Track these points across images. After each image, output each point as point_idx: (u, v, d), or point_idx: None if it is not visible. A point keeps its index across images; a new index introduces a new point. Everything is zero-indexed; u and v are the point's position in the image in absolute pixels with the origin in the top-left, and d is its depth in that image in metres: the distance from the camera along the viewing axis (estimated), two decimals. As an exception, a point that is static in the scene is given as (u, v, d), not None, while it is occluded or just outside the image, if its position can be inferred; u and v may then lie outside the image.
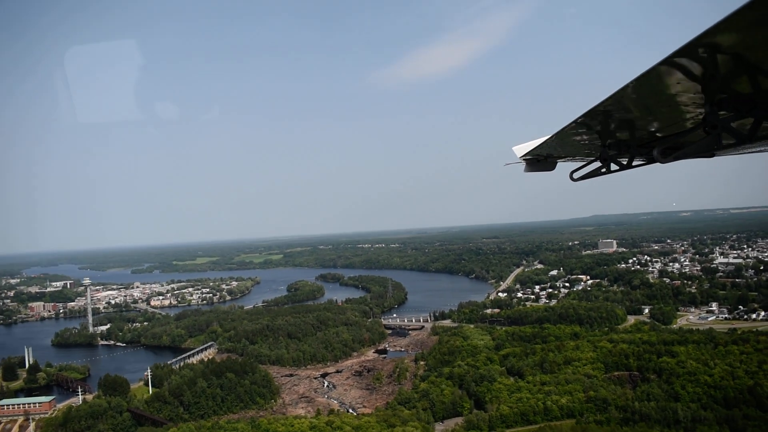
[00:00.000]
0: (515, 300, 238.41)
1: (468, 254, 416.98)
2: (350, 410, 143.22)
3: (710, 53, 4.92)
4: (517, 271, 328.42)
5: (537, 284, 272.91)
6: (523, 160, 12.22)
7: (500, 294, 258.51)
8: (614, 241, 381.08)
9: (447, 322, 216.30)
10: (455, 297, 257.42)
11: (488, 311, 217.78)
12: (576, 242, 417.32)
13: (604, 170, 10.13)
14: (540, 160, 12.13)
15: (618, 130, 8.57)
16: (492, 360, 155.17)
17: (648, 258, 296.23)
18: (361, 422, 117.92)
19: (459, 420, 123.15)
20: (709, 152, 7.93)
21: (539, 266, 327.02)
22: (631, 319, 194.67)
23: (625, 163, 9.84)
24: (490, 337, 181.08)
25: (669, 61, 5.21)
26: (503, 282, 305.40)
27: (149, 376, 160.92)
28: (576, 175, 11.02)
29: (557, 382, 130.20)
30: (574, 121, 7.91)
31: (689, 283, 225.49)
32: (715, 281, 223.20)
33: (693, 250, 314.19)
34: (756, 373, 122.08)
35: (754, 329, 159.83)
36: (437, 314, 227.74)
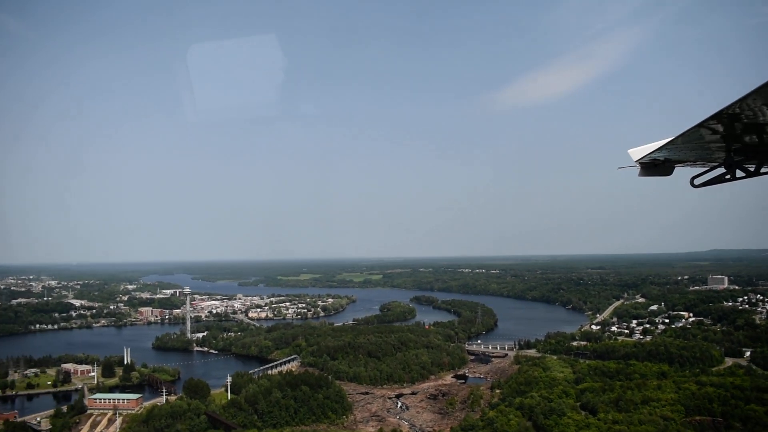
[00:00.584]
0: (606, 334, 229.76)
1: (567, 284, 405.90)
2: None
3: None
4: (617, 304, 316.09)
5: (634, 318, 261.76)
6: (639, 164, 11.93)
7: (593, 326, 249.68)
8: (725, 278, 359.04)
9: (531, 352, 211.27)
10: (546, 327, 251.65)
11: (575, 343, 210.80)
12: (686, 277, 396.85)
13: (728, 176, 10.04)
14: (657, 165, 11.88)
15: (746, 134, 8.31)
16: (568, 393, 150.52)
17: (761, 297, 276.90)
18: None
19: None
20: None
21: (640, 300, 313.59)
22: (729, 362, 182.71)
23: (752, 169, 9.69)
24: (570, 370, 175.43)
25: None
26: (599, 314, 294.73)
27: (229, 383, 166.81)
28: (697, 181, 10.89)
29: (630, 422, 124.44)
30: (700, 124, 7.79)
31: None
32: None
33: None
34: None
35: None
36: (522, 343, 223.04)
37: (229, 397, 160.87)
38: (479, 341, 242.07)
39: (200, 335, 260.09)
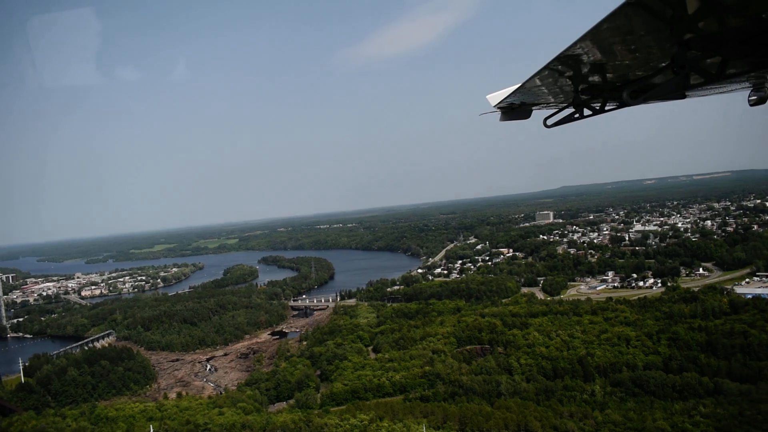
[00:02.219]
0: (429, 276, 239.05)
1: (411, 231, 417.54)
2: (222, 391, 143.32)
3: None
4: (449, 246, 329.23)
5: (461, 259, 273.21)
6: (498, 108, 11.95)
7: (419, 270, 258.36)
8: (551, 213, 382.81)
9: (351, 301, 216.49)
10: (380, 274, 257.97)
11: (392, 289, 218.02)
12: (522, 215, 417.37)
13: (577, 115, 10.23)
14: (515, 108, 11.89)
15: (590, 74, 8.47)
16: (362, 338, 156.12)
17: (575, 228, 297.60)
18: (191, 404, 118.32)
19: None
20: (678, 93, 7.95)
21: (471, 241, 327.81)
22: (524, 291, 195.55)
23: (597, 107, 9.92)
24: (375, 315, 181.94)
25: (636, 2, 5.11)
26: (432, 258, 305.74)
27: (22, 367, 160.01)
28: (549, 122, 11.09)
29: (402, 359, 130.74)
30: (545, 67, 7.79)
31: (593, 252, 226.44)
32: (618, 250, 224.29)
33: (620, 219, 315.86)
34: (591, 342, 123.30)
35: (636, 296, 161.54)
36: (344, 294, 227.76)
37: (23, 381, 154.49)
38: (304, 296, 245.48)
39: (17, 320, 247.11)
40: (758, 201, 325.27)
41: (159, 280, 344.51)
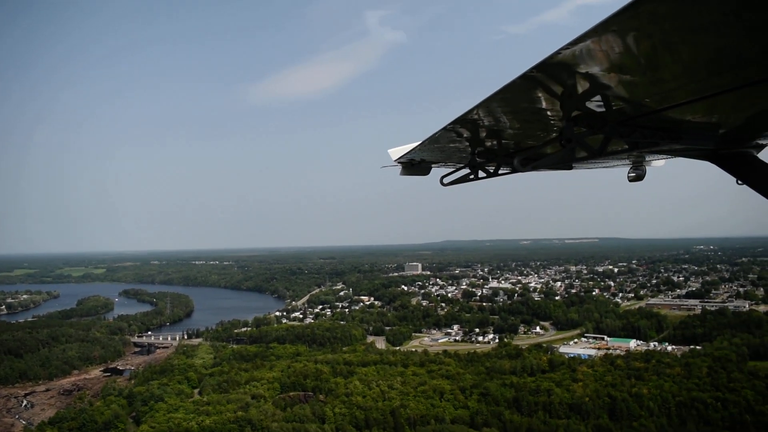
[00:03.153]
0: (284, 319, 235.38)
1: (283, 273, 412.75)
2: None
3: (567, 72, 5.17)
4: (315, 291, 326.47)
5: (322, 304, 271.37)
6: (399, 163, 11.81)
7: (276, 313, 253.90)
8: (419, 265, 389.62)
9: (198, 341, 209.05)
10: (238, 314, 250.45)
11: (242, 330, 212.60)
12: (395, 265, 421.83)
13: (472, 177, 10.61)
14: (414, 164, 11.86)
15: (487, 139, 8.77)
16: (190, 379, 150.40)
17: (437, 281, 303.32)
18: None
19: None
20: (565, 164, 8.72)
21: (339, 286, 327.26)
22: (370, 340, 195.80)
23: (492, 170, 10.25)
24: (212, 356, 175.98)
25: (528, 76, 5.30)
26: (295, 301, 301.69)
27: None
28: (446, 180, 11.29)
29: (220, 402, 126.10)
30: (444, 128, 7.94)
31: (444, 305, 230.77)
32: (466, 305, 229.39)
33: (481, 276, 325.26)
34: (408, 394, 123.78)
35: (471, 350, 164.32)
36: (191, 332, 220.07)
37: None
38: (149, 333, 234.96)
39: None
40: (609, 267, 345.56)
41: (3, 307, 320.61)
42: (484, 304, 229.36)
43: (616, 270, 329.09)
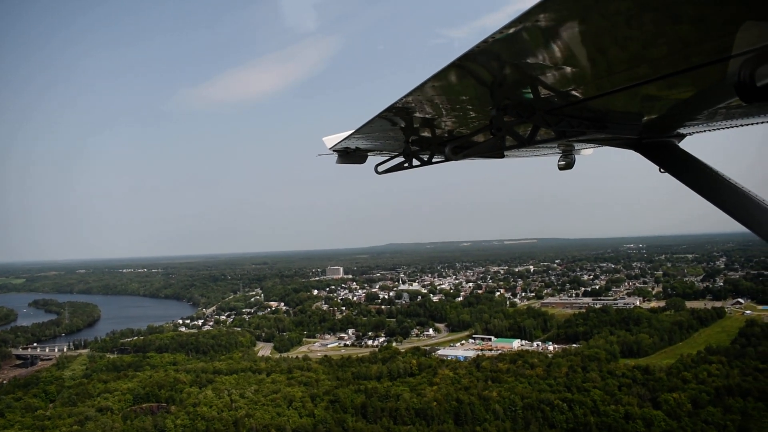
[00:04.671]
0: (183, 327, 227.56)
1: (204, 280, 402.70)
2: None
3: (496, 61, 5.24)
4: (230, 297, 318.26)
5: (231, 310, 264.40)
6: (335, 151, 11.55)
7: (179, 320, 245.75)
8: (341, 268, 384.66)
9: (85, 351, 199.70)
10: (145, 323, 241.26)
11: (130, 339, 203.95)
12: (320, 269, 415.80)
13: (406, 165, 10.59)
14: (350, 153, 11.57)
15: (420, 127, 8.76)
16: (48, 392, 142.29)
17: (351, 285, 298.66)
18: None
19: None
20: (496, 152, 8.83)
21: (253, 292, 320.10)
22: (260, 346, 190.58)
23: (426, 159, 10.34)
24: (85, 367, 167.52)
25: (458, 65, 5.36)
26: (206, 309, 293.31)
27: None
28: (380, 168, 11.26)
29: (59, 416, 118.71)
30: (377, 116, 7.88)
31: (344, 309, 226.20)
32: (365, 308, 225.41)
33: (397, 278, 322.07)
34: (257, 403, 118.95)
35: (357, 354, 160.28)
36: (78, 343, 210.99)
37: None
38: (35, 345, 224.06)
39: None
40: (529, 266, 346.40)
41: None
42: (384, 307, 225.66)
43: (532, 269, 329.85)
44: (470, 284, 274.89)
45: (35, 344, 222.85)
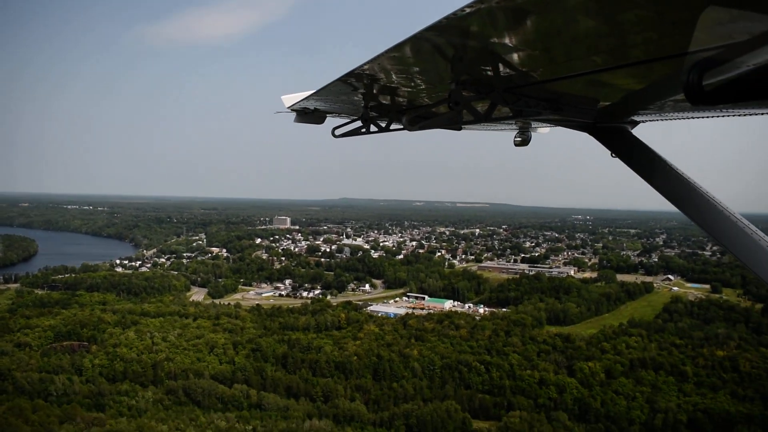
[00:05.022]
0: (120, 267, 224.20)
1: (149, 221, 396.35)
2: None
3: (458, 36, 5.23)
4: (173, 240, 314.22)
5: (172, 254, 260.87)
6: (294, 110, 11.48)
7: (116, 261, 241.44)
8: (288, 219, 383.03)
9: (15, 285, 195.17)
10: (81, 260, 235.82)
11: (63, 276, 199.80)
12: (267, 218, 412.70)
13: (364, 130, 10.54)
14: (308, 113, 11.61)
15: (380, 94, 8.70)
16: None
17: (295, 236, 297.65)
18: None
19: None
20: (453, 125, 8.63)
21: (196, 237, 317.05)
22: (194, 291, 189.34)
23: (383, 125, 10.24)
24: (11, 302, 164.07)
25: (421, 36, 5.34)
26: (147, 251, 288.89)
27: None
28: (338, 132, 11.23)
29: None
30: (338, 79, 7.84)
31: (284, 260, 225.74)
32: (304, 260, 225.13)
33: (350, 233, 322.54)
34: (179, 347, 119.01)
35: (284, 305, 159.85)
36: (8, 277, 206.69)
37: None
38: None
39: None
40: (475, 230, 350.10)
41: None
42: (324, 260, 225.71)
43: (478, 233, 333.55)
44: (414, 243, 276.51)
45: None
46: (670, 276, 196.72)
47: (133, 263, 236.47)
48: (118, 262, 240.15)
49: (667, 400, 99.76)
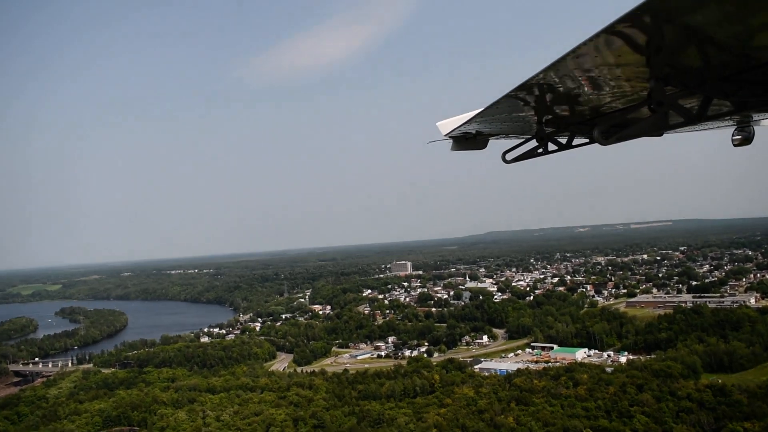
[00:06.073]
0: (207, 336, 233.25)
1: (252, 281, 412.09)
2: None
3: (655, 22, 5.03)
4: (273, 300, 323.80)
5: (269, 316, 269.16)
6: (450, 137, 11.74)
7: (208, 329, 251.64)
8: (409, 263, 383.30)
9: (89, 366, 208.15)
10: (172, 332, 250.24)
11: (134, 352, 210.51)
12: (389, 265, 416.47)
13: (540, 150, 10.42)
14: (468, 138, 11.78)
15: (556, 105, 8.65)
16: (21, 413, 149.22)
17: (410, 284, 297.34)
18: None
19: None
20: (656, 132, 8.08)
21: (299, 294, 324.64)
22: (282, 357, 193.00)
23: (564, 142, 10.21)
24: (73, 385, 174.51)
25: (610, 30, 5.22)
26: (244, 315, 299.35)
27: None
28: (509, 157, 11.08)
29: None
30: (506, 95, 7.74)
31: (389, 313, 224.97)
32: (412, 312, 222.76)
33: (475, 274, 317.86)
34: (233, 426, 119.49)
35: (384, 368, 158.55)
36: (81, 357, 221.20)
37: None
38: (37, 359, 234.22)
39: None
40: (643, 256, 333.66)
41: None
42: (436, 309, 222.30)
43: (644, 258, 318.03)
44: (556, 280, 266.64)
45: (37, 359, 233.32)
46: None
47: (222, 330, 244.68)
48: (206, 330, 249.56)
49: None
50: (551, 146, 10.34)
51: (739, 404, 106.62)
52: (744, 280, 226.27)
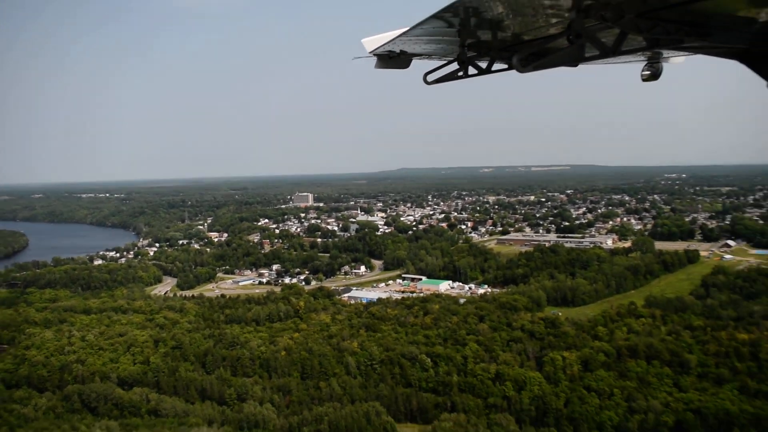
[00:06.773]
0: (101, 259, 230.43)
1: (157, 207, 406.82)
2: None
3: None
4: (174, 226, 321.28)
5: (167, 241, 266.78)
6: (375, 55, 11.54)
7: (104, 252, 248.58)
8: (310, 196, 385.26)
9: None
10: (70, 254, 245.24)
11: (22, 273, 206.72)
12: (289, 196, 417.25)
13: (461, 73, 10.55)
14: (393, 57, 11.51)
15: (480, 30, 8.65)
16: None
17: (307, 215, 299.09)
18: None
19: None
20: (572, 62, 8.38)
21: (200, 222, 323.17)
22: (168, 281, 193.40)
23: (484, 66, 10.26)
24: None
25: None
26: (143, 240, 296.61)
27: None
28: (430, 78, 11.25)
29: None
30: (432, 15, 7.71)
31: (278, 242, 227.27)
32: (298, 242, 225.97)
33: (368, 207, 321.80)
34: (95, 346, 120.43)
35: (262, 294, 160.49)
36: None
37: None
38: None
39: None
40: (530, 197, 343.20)
41: None
42: (320, 240, 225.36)
43: (530, 200, 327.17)
44: (441, 216, 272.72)
45: None
46: (729, 242, 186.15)
47: (115, 254, 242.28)
48: (101, 253, 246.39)
49: (653, 397, 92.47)
50: (471, 70, 10.53)
51: (565, 335, 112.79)
52: (610, 223, 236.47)
